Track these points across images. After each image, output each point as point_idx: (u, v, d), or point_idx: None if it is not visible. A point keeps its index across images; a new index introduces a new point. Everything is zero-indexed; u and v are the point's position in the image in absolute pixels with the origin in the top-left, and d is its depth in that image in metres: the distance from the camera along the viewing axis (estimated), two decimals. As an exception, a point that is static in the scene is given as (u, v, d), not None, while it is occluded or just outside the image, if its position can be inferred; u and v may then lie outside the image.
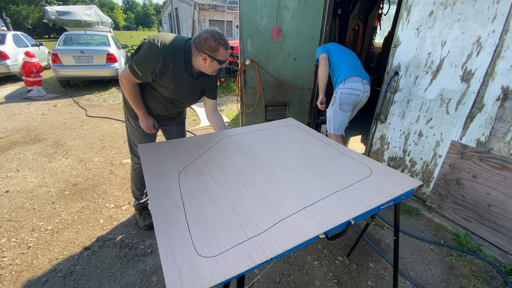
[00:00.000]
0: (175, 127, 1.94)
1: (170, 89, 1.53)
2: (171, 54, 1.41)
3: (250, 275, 1.69)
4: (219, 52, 1.41)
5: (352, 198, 1.05)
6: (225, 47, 1.42)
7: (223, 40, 1.41)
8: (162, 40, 1.39)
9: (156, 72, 1.43)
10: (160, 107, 1.68)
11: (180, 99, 1.65)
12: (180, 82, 1.52)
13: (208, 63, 1.44)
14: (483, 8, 1.75)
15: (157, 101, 1.64)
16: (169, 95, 1.60)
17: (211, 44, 1.38)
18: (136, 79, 1.47)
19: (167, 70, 1.44)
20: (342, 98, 2.28)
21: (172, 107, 1.70)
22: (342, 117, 2.35)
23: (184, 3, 9.45)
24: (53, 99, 5.54)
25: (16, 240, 1.90)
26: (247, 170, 1.25)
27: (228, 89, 6.60)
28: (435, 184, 2.23)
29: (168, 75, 1.46)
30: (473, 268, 1.75)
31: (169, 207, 1.00)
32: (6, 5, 27.10)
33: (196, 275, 0.72)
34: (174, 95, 1.60)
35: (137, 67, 1.41)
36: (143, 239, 1.94)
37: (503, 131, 1.77)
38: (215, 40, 1.37)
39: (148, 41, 1.39)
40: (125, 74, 1.47)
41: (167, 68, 1.43)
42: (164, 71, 1.44)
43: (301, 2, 2.93)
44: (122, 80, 1.50)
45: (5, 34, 7.00)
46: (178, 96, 1.62)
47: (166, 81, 1.48)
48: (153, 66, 1.40)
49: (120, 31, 54.22)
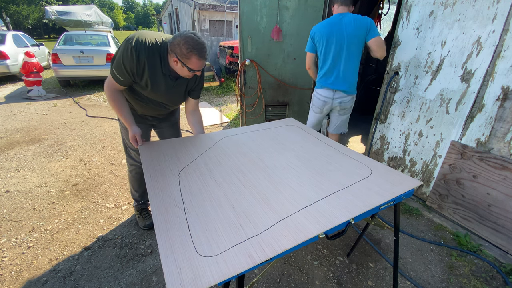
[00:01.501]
0: (168, 129, 1.88)
1: (148, 90, 1.46)
2: (145, 53, 1.33)
3: (250, 275, 1.69)
4: (190, 60, 1.30)
5: (352, 198, 1.05)
6: (199, 56, 1.29)
7: (198, 49, 1.28)
8: (138, 38, 1.32)
9: (134, 73, 1.37)
10: (144, 106, 1.61)
11: (161, 100, 1.57)
12: (157, 83, 1.44)
13: (179, 66, 1.35)
14: (483, 8, 1.75)
15: (140, 100, 1.57)
16: (150, 96, 1.52)
17: (183, 51, 1.27)
18: (119, 85, 1.41)
19: (143, 71, 1.37)
20: (313, 100, 2.37)
21: (157, 107, 1.63)
22: (312, 117, 2.45)
23: (184, 3, 9.45)
24: (53, 99, 5.54)
25: (16, 240, 1.90)
26: (247, 170, 1.25)
27: (228, 89, 6.60)
28: (435, 184, 2.23)
29: (145, 76, 1.39)
30: (473, 268, 1.75)
31: (169, 206, 1.00)
32: (6, 5, 27.10)
33: (196, 274, 0.72)
34: (154, 96, 1.53)
35: (116, 71, 1.36)
36: (143, 239, 1.94)
37: (503, 131, 1.77)
38: (188, 47, 1.26)
39: (125, 42, 1.33)
40: (108, 82, 1.42)
41: (143, 68, 1.36)
42: (141, 72, 1.37)
43: (301, 2, 2.93)
44: (106, 88, 1.43)
45: (5, 34, 7.00)
46: (158, 97, 1.53)
47: (144, 82, 1.42)
48: (130, 67, 1.34)
49: (120, 31, 54.26)
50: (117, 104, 1.46)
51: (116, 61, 1.35)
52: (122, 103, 1.48)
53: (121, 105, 1.48)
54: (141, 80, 1.41)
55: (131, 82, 1.43)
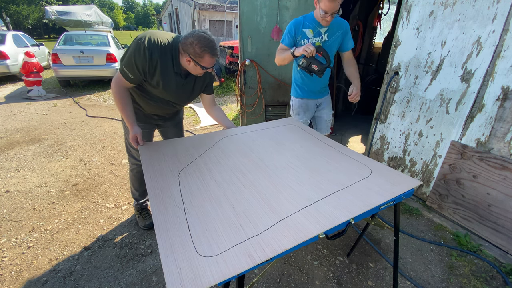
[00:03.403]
0: (172, 128, 1.90)
1: (159, 89, 1.49)
2: (158, 52, 1.36)
3: (250, 275, 1.69)
4: (203, 59, 1.34)
5: (352, 198, 1.05)
6: (212, 55, 1.34)
7: (210, 47, 1.32)
8: (150, 37, 1.35)
9: (145, 72, 1.39)
10: (152, 105, 1.62)
11: (171, 99, 1.60)
12: (169, 81, 1.47)
13: (191, 65, 1.39)
14: (483, 8, 1.75)
15: (149, 99, 1.59)
16: (160, 95, 1.55)
17: (196, 50, 1.31)
18: (129, 82, 1.42)
19: (155, 70, 1.40)
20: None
21: (165, 106, 1.64)
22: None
23: (184, 3, 9.45)
24: (53, 99, 5.54)
25: (16, 240, 1.90)
26: (247, 170, 1.25)
27: (228, 89, 6.60)
28: (435, 184, 2.23)
29: (156, 75, 1.42)
30: (473, 268, 1.75)
31: (169, 206, 1.00)
32: (6, 5, 27.10)
33: (196, 274, 0.72)
34: (165, 95, 1.55)
35: (127, 69, 1.37)
36: (143, 239, 1.94)
37: (503, 131, 1.77)
38: (201, 47, 1.30)
39: (136, 41, 1.35)
40: (117, 79, 1.43)
41: (155, 67, 1.39)
42: (153, 71, 1.40)
43: (301, 2, 2.93)
44: (113, 85, 1.44)
45: (5, 34, 7.00)
46: (168, 96, 1.56)
47: (155, 80, 1.44)
48: (142, 66, 1.36)
49: (120, 31, 54.25)
50: (122, 102, 1.47)
51: (127, 58, 1.36)
52: (126, 102, 1.49)
53: (126, 104, 1.49)
54: (152, 79, 1.43)
55: (141, 81, 1.45)
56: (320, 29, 1.87)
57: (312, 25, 1.87)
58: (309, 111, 2.21)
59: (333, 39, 1.91)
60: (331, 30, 1.88)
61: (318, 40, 1.90)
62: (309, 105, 2.19)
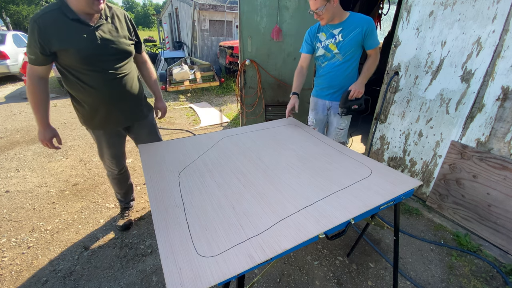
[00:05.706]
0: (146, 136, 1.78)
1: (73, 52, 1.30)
2: (42, 15, 1.25)
3: (250, 275, 1.69)
4: None
5: (352, 198, 1.05)
6: None
7: None
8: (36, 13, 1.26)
9: (42, 44, 1.26)
10: (98, 91, 1.43)
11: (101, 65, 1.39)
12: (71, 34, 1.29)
13: None
14: (483, 8, 1.75)
15: (87, 84, 1.40)
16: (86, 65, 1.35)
17: None
18: (35, 65, 1.31)
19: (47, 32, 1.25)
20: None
21: (107, 81, 1.44)
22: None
23: (184, 3, 9.45)
24: (53, 99, 5.53)
25: (16, 240, 1.90)
26: (247, 170, 1.25)
27: (228, 89, 6.60)
28: (435, 184, 2.23)
29: (54, 38, 1.26)
30: (473, 268, 1.75)
31: (169, 207, 1.00)
32: (6, 5, 27.08)
33: (196, 274, 0.72)
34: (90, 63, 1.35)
35: (28, 52, 1.29)
36: (143, 239, 1.94)
37: (503, 131, 1.77)
38: None
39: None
40: (27, 70, 1.34)
41: (45, 29, 1.25)
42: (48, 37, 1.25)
43: (301, 2, 2.93)
44: (26, 78, 1.34)
45: (5, 34, 7.01)
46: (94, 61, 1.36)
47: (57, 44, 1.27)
48: (34, 39, 1.25)
49: (120, 31, 54.05)
50: (35, 98, 1.35)
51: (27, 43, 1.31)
52: (41, 98, 1.36)
53: (40, 100, 1.36)
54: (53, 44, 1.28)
55: (46, 58, 1.31)
56: (333, 30, 1.85)
57: (325, 28, 1.88)
58: (317, 110, 2.19)
59: (349, 38, 1.82)
60: (346, 29, 1.81)
61: (332, 42, 1.87)
62: (318, 104, 2.18)
